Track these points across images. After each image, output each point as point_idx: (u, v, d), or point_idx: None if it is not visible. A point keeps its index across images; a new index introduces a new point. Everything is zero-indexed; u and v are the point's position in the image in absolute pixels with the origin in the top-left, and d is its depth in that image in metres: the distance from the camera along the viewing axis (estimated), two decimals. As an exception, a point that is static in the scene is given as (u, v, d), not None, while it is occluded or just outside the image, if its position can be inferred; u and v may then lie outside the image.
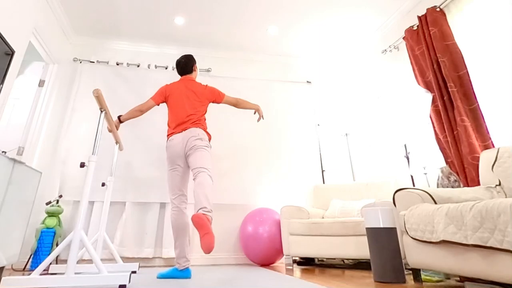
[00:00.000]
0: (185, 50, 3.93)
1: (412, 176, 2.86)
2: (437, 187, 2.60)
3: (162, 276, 2.15)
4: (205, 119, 2.48)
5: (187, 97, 2.43)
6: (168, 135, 2.37)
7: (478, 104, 2.35)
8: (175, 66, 2.67)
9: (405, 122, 3.06)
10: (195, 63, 2.65)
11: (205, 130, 2.37)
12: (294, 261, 3.10)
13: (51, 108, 3.28)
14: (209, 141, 2.37)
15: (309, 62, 4.28)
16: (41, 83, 3.25)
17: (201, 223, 1.80)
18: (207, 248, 1.76)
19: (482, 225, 1.36)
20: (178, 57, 2.72)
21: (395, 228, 1.97)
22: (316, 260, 3.11)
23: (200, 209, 1.91)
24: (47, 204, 2.82)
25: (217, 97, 2.57)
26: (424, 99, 2.72)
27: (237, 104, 2.65)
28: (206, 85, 2.58)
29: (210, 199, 1.98)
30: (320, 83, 4.22)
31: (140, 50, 3.88)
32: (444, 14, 2.70)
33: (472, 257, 1.44)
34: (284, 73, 4.16)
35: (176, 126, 2.33)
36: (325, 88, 4.22)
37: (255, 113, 2.73)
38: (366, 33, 3.72)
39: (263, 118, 2.72)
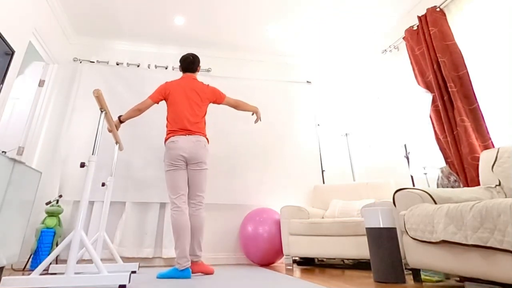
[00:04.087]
0: (185, 50, 3.93)
1: (412, 176, 2.86)
2: (437, 187, 2.60)
3: (162, 276, 2.15)
4: (205, 122, 2.49)
5: (188, 96, 2.42)
6: (169, 135, 2.35)
7: (478, 104, 2.35)
8: (179, 62, 2.64)
9: (405, 122, 3.06)
10: (200, 63, 2.66)
11: (205, 135, 2.43)
12: (294, 261, 3.09)
13: (51, 108, 3.29)
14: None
15: (309, 62, 4.28)
16: (41, 83, 3.25)
17: (203, 271, 2.27)
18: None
19: (482, 225, 1.35)
20: (178, 57, 2.74)
21: (395, 228, 1.97)
22: (316, 260, 3.11)
23: (192, 255, 2.25)
24: (47, 204, 2.82)
25: (218, 97, 2.58)
26: (424, 99, 2.72)
27: (237, 106, 2.66)
28: (208, 85, 2.59)
29: (202, 241, 2.33)
30: (320, 83, 4.22)
31: (140, 50, 3.88)
32: (444, 14, 2.70)
33: (472, 257, 1.44)
34: (284, 73, 4.16)
35: (179, 127, 2.33)
36: (325, 88, 4.21)
37: (252, 114, 2.74)
38: (366, 33, 3.71)
39: (260, 120, 2.75)
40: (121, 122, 2.46)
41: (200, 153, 2.34)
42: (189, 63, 2.58)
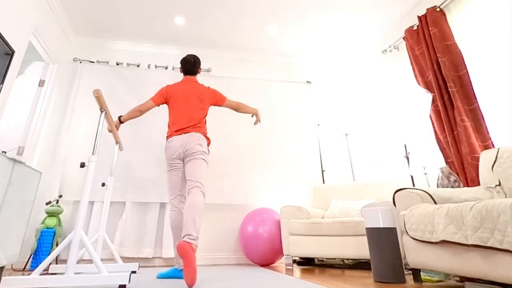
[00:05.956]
0: (185, 50, 3.93)
1: (412, 176, 2.86)
2: (437, 187, 2.60)
3: (162, 276, 2.15)
4: (205, 122, 2.48)
5: (189, 99, 2.42)
6: (167, 136, 2.36)
7: (478, 104, 2.35)
8: (180, 64, 2.62)
9: (405, 122, 3.06)
10: (201, 65, 2.66)
11: (204, 134, 2.37)
12: (294, 261, 3.10)
13: (51, 108, 3.28)
14: (208, 146, 2.38)
15: (309, 62, 4.28)
16: (41, 83, 3.25)
17: (185, 254, 1.78)
18: (190, 281, 1.73)
19: (482, 225, 1.35)
20: (178, 57, 2.73)
21: (395, 228, 1.97)
22: (316, 260, 3.11)
23: (185, 235, 1.89)
24: (47, 204, 2.82)
25: (218, 100, 2.58)
26: (424, 99, 2.72)
27: (237, 108, 2.66)
28: (209, 87, 2.58)
29: (198, 224, 1.97)
30: (320, 83, 4.22)
31: (140, 50, 3.88)
32: (444, 14, 2.70)
33: (472, 257, 1.44)
34: (284, 73, 4.16)
35: (177, 128, 2.32)
36: (325, 88, 4.22)
37: (252, 116, 2.74)
38: (366, 33, 3.72)
39: (259, 122, 2.74)
40: (121, 122, 2.46)
41: (194, 146, 2.23)
42: (190, 66, 2.57)
